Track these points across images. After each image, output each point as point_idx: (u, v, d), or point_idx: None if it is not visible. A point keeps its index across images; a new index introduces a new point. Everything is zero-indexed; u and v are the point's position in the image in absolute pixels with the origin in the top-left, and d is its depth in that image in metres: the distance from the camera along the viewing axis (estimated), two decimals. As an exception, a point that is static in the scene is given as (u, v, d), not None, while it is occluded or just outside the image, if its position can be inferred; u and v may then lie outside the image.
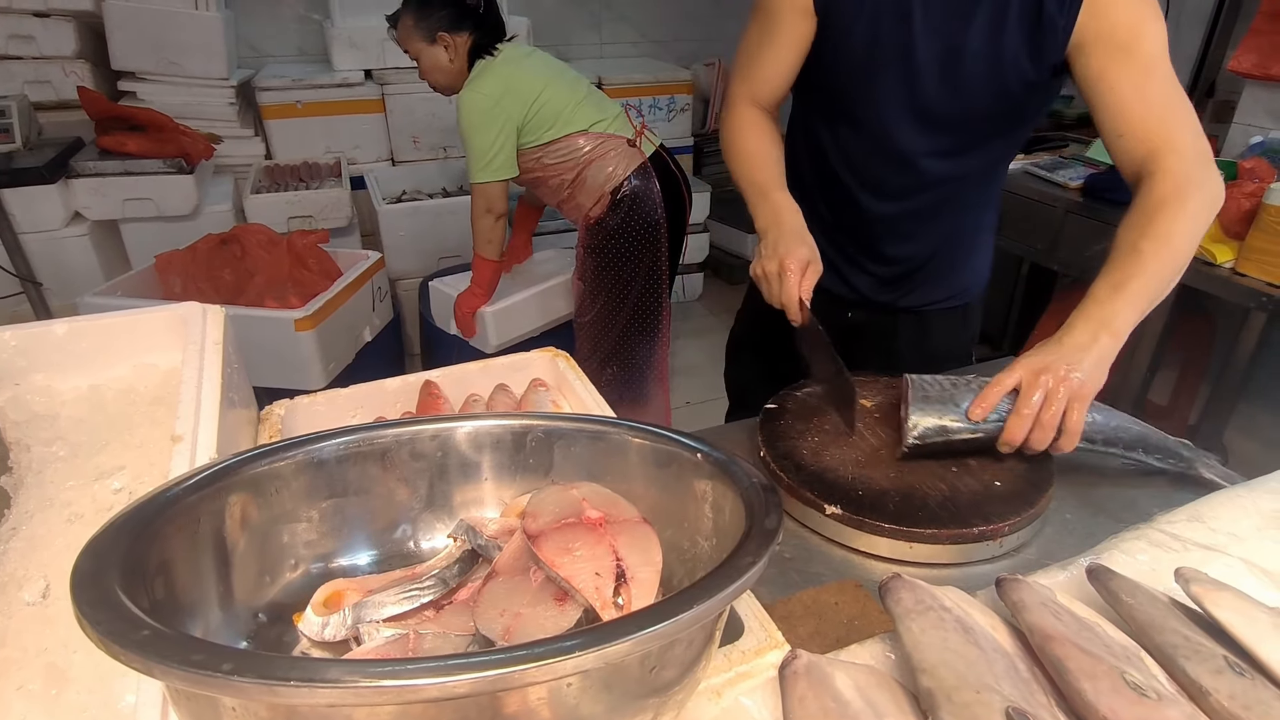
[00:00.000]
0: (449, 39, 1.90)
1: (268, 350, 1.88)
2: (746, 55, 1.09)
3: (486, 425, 0.61)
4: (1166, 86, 0.88)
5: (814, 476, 0.88)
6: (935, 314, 1.22)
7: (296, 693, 0.28)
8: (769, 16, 1.04)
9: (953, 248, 1.16)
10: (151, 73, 2.84)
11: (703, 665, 0.45)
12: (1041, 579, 0.62)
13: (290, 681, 0.28)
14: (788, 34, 1.03)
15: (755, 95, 1.10)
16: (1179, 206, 0.84)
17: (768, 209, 1.00)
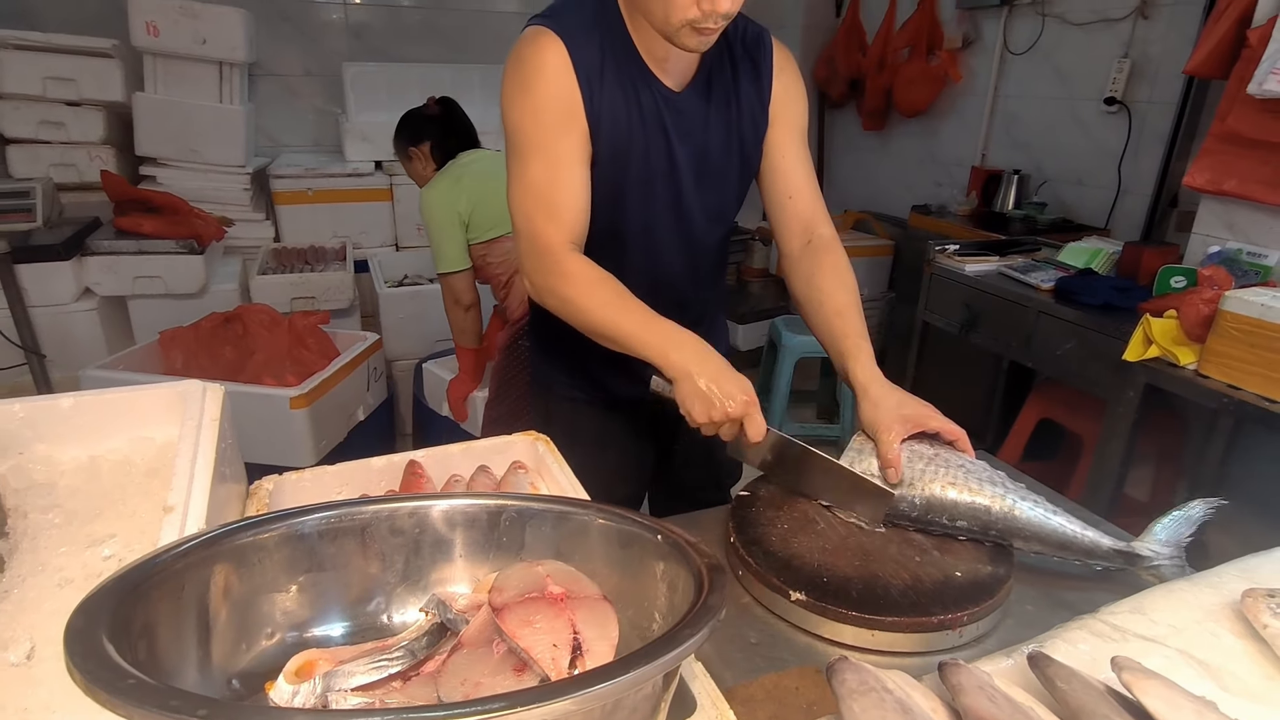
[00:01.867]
0: (416, 150, 2.20)
1: (261, 426, 1.92)
2: (539, 197, 1.00)
3: (461, 504, 0.65)
4: (812, 166, 1.17)
5: (781, 563, 0.91)
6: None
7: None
8: (549, 141, 0.99)
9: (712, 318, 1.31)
10: (173, 159, 3.00)
11: (650, 737, 0.47)
12: (986, 665, 0.64)
13: None
14: (570, 153, 1.00)
15: (570, 234, 1.01)
16: (846, 265, 1.14)
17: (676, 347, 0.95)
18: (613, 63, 1.02)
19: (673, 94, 1.06)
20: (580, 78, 0.99)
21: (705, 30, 0.93)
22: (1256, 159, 1.91)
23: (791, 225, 1.16)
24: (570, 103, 0.99)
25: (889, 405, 0.98)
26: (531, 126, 0.99)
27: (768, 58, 1.12)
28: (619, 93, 1.02)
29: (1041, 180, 3.16)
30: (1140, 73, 2.76)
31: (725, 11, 0.91)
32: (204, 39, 2.90)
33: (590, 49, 1.00)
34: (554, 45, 0.98)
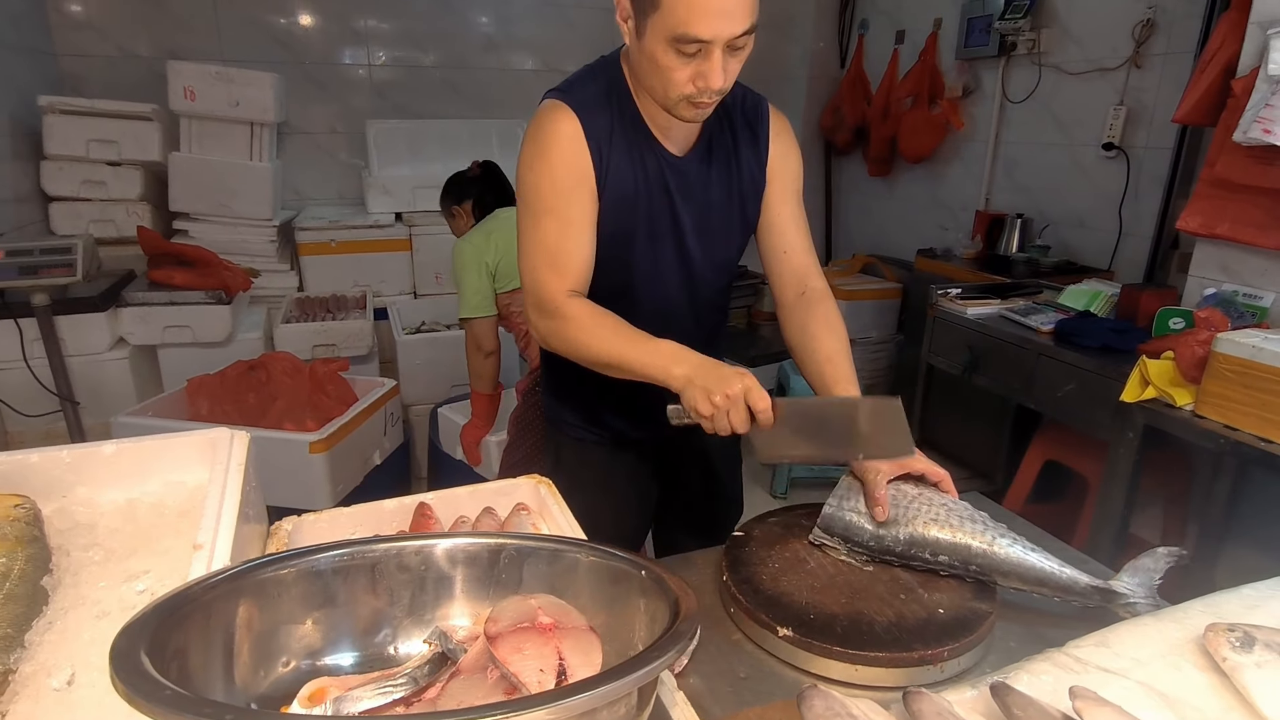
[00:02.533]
0: (459, 209, 2.32)
1: (282, 470, 2.00)
2: (547, 253, 1.09)
3: (462, 544, 0.70)
4: (807, 224, 1.26)
5: (770, 600, 0.95)
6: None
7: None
8: (560, 204, 1.08)
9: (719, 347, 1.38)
10: (204, 213, 3.15)
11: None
12: (951, 695, 0.68)
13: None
14: (579, 215, 1.09)
15: (572, 285, 1.10)
16: (837, 314, 1.21)
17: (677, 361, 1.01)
18: (621, 131, 1.12)
19: (675, 158, 1.15)
20: (591, 146, 1.09)
21: (700, 104, 1.03)
22: (1247, 203, 1.96)
23: (786, 277, 1.24)
24: (582, 169, 1.09)
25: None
26: (547, 190, 1.09)
27: (765, 124, 1.21)
28: (626, 158, 1.12)
29: (1044, 224, 3.22)
30: (1136, 119, 2.83)
31: (718, 88, 1.00)
32: (237, 101, 3.07)
33: (601, 120, 1.10)
34: (568, 117, 1.08)
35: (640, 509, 1.45)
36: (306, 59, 3.64)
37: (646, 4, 0.96)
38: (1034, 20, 3.09)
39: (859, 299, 3.68)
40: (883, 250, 4.13)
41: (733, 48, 0.98)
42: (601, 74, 1.14)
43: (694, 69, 0.99)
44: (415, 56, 3.84)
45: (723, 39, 0.95)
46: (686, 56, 0.97)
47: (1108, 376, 1.95)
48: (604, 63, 1.16)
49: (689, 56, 0.97)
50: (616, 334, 1.06)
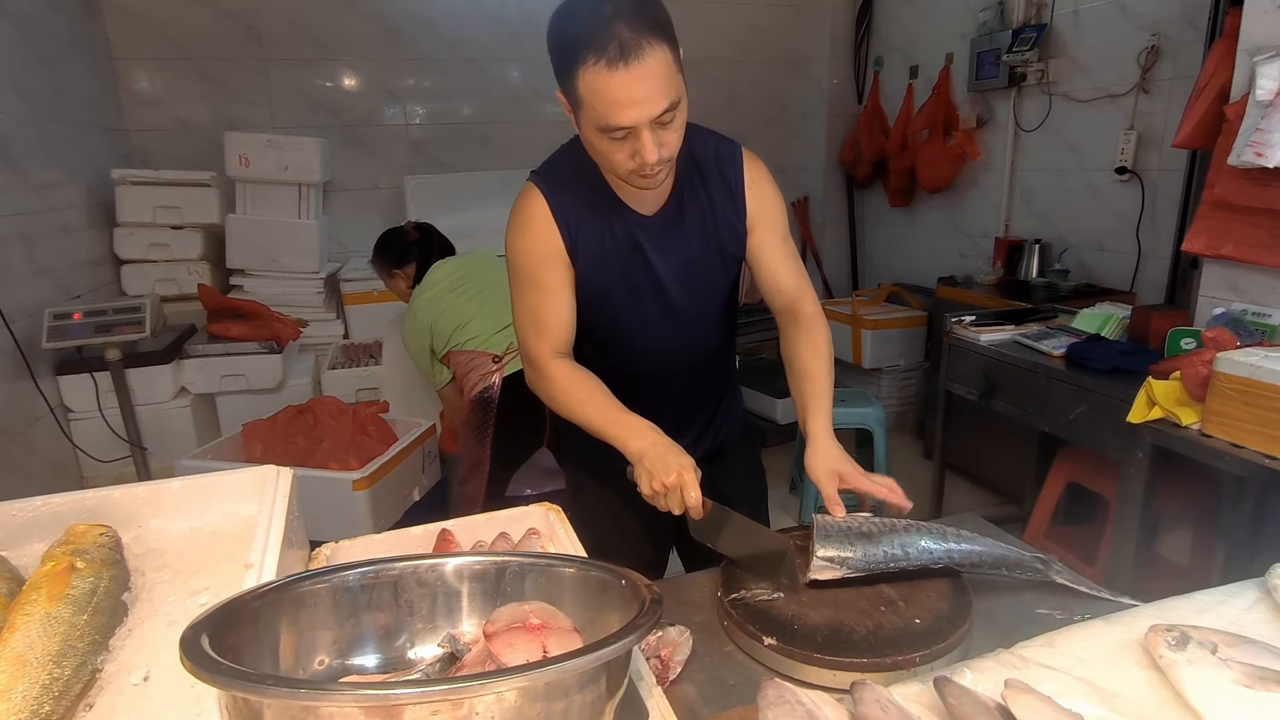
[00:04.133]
0: (400, 272, 2.50)
1: (327, 507, 2.14)
2: (531, 317, 1.23)
3: (468, 561, 0.81)
4: (794, 252, 1.34)
5: (758, 614, 1.04)
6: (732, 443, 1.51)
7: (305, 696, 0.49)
8: (535, 277, 1.21)
9: (728, 392, 1.49)
10: (257, 269, 3.39)
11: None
12: (900, 688, 0.76)
13: (301, 690, 0.49)
14: (557, 285, 1.22)
15: (555, 345, 1.23)
16: (823, 337, 1.29)
17: (633, 435, 1.13)
18: (589, 203, 1.22)
19: (645, 218, 1.25)
20: (559, 222, 1.20)
21: (647, 175, 1.09)
22: (1250, 223, 2.00)
23: (779, 307, 1.34)
24: (553, 245, 1.20)
25: (829, 456, 1.17)
26: (524, 263, 1.22)
27: (739, 171, 1.27)
28: (594, 227, 1.22)
29: (1063, 248, 3.25)
30: (1147, 143, 2.87)
31: (653, 162, 1.05)
32: (286, 166, 3.32)
33: (567, 196, 1.21)
34: (536, 199, 1.20)
35: (657, 536, 1.52)
36: (349, 120, 3.90)
37: (574, 102, 1.06)
38: (1041, 51, 3.17)
39: (885, 328, 3.74)
40: (907, 279, 4.18)
41: (660, 124, 1.03)
42: (573, 151, 1.24)
43: (628, 149, 1.05)
44: (448, 113, 4.08)
45: (644, 122, 1.01)
46: (618, 141, 1.05)
47: (1116, 398, 1.99)
48: (575, 141, 1.23)
49: (620, 140, 1.05)
50: (590, 399, 1.20)
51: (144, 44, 3.52)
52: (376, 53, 3.88)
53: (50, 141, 2.77)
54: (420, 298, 2.35)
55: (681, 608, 1.15)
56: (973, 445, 3.20)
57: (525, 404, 2.34)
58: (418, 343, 2.35)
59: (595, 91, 1.00)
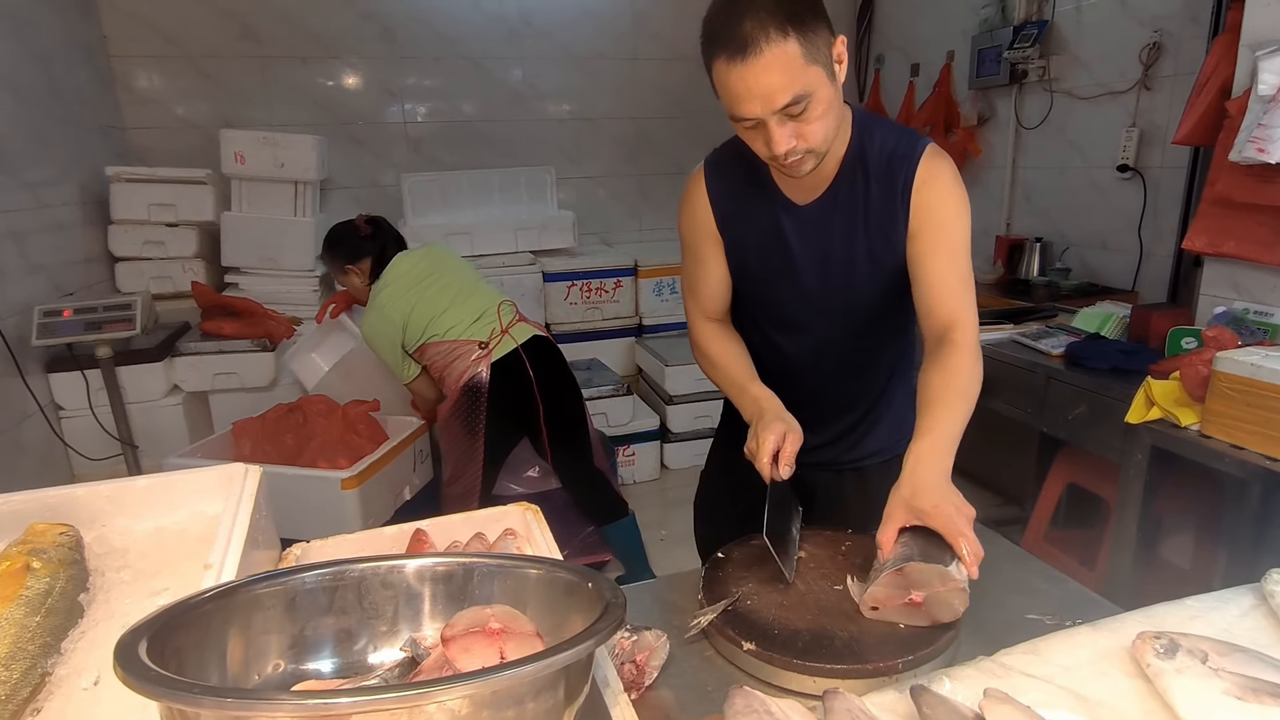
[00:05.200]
0: (354, 268, 2.43)
1: (315, 506, 2.12)
2: (688, 283, 1.35)
3: (430, 563, 0.79)
4: (964, 272, 1.17)
5: (738, 618, 1.01)
6: (874, 468, 1.38)
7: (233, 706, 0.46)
8: (694, 247, 1.30)
9: (878, 409, 1.37)
10: (252, 267, 3.37)
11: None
12: (875, 696, 0.73)
13: (228, 699, 0.46)
14: (710, 257, 1.29)
15: (705, 311, 1.33)
16: (965, 366, 1.11)
17: (748, 401, 1.21)
18: (744, 185, 1.24)
19: (795, 205, 1.22)
20: (712, 201, 1.26)
21: (787, 164, 1.07)
22: (1251, 221, 1.96)
23: (932, 328, 1.17)
24: (704, 220, 1.27)
25: (904, 490, 1.01)
26: (684, 233, 1.32)
27: (910, 171, 1.16)
28: (744, 208, 1.25)
29: (1065, 246, 3.21)
30: (1149, 140, 2.83)
31: (782, 152, 1.03)
32: (282, 163, 3.31)
33: (726, 176, 1.26)
34: (698, 177, 1.28)
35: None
36: (346, 118, 3.89)
37: (714, 88, 1.06)
38: (1042, 48, 3.13)
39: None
40: (908, 278, 4.14)
41: (789, 115, 1.01)
42: None
43: (761, 138, 1.05)
44: (447, 111, 4.06)
45: (766, 115, 1.00)
46: (751, 130, 1.05)
47: (1115, 398, 1.95)
48: None
49: (752, 129, 1.05)
50: (723, 363, 1.29)
51: (141, 42, 3.51)
52: (374, 50, 3.86)
53: (45, 139, 2.76)
54: (385, 291, 2.30)
55: (663, 611, 1.13)
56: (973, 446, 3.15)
57: (515, 389, 2.37)
58: (386, 338, 2.30)
59: (721, 84, 1.03)
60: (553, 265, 3.76)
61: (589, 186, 4.34)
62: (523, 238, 3.81)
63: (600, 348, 3.86)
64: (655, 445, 3.55)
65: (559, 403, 2.40)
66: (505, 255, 3.75)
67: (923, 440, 1.04)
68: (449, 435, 2.31)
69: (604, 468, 2.57)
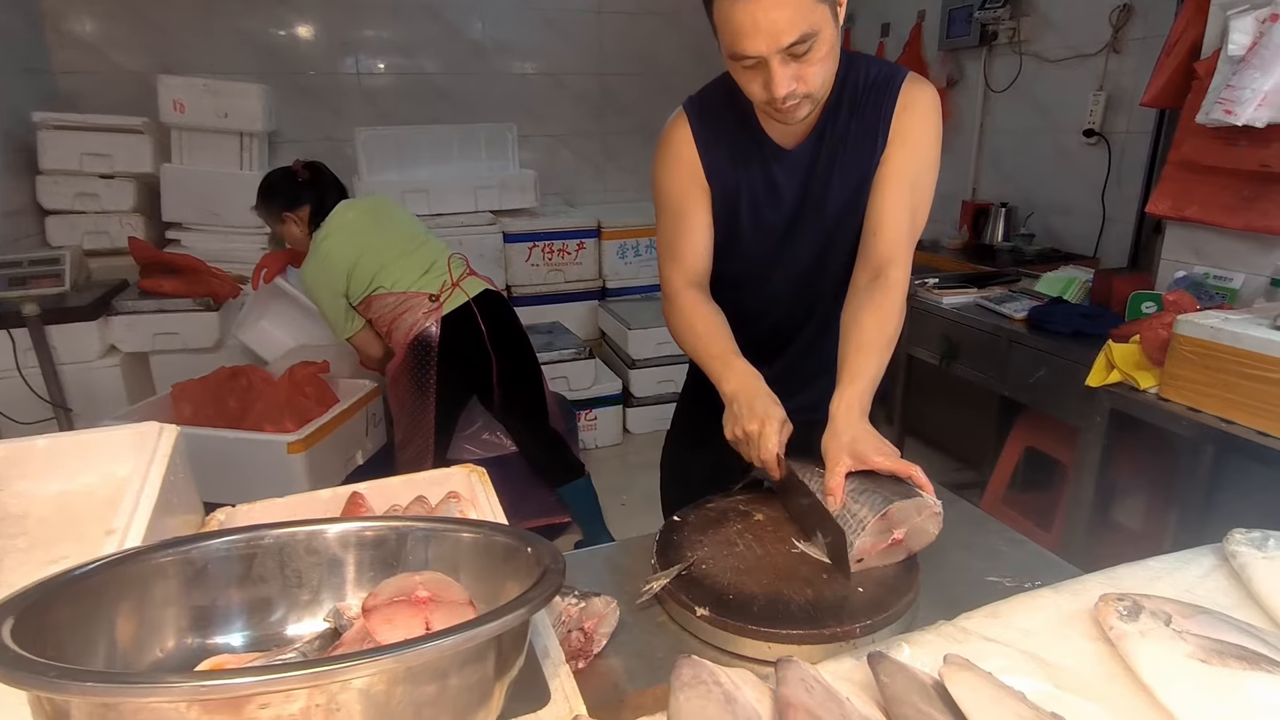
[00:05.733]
0: (292, 215, 2.27)
1: (261, 471, 2.04)
2: (667, 243, 1.21)
3: (356, 528, 0.73)
4: (918, 207, 1.14)
5: (692, 582, 0.97)
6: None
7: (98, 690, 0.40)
8: (675, 202, 1.19)
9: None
10: (196, 223, 3.21)
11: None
12: (831, 664, 0.69)
13: (93, 683, 0.40)
14: (696, 211, 1.19)
15: (688, 275, 1.20)
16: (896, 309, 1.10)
17: (732, 376, 1.10)
18: (731, 130, 1.16)
19: (784, 151, 1.16)
20: (700, 147, 1.16)
21: (783, 109, 1.01)
22: (1214, 185, 1.95)
23: (867, 259, 1.13)
24: (691, 169, 1.17)
25: (844, 439, 1.00)
26: (664, 187, 1.20)
27: (891, 101, 1.11)
28: (733, 156, 1.17)
29: (1030, 212, 3.21)
30: (1116, 105, 2.81)
31: (782, 95, 0.98)
32: (225, 113, 3.13)
33: (714, 121, 1.17)
34: (681, 122, 1.18)
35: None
36: (297, 69, 3.70)
37: (713, 25, 0.99)
38: (1013, 9, 3.08)
39: (849, 293, 3.68)
40: (874, 244, 4.11)
41: (792, 55, 0.96)
42: (728, 77, 1.13)
43: (760, 79, 0.99)
44: (404, 64, 3.89)
45: (771, 53, 0.95)
46: (749, 70, 0.99)
47: (1077, 362, 1.95)
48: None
49: (751, 69, 0.99)
50: (705, 333, 1.16)
51: (73, -21, 3.28)
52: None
53: (-39, 81, 2.56)
54: (328, 240, 2.18)
55: (616, 576, 1.08)
56: (934, 411, 3.18)
57: (467, 344, 2.28)
58: (328, 288, 2.18)
59: (724, 17, 0.95)
60: (514, 226, 3.65)
61: (552, 145, 4.22)
62: (483, 197, 3.68)
63: (562, 311, 3.78)
64: (618, 410, 3.50)
65: (512, 359, 2.32)
66: (464, 215, 3.63)
67: (856, 385, 1.04)
68: (398, 394, 2.23)
69: (560, 429, 2.52)
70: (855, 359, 1.07)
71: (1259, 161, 1.84)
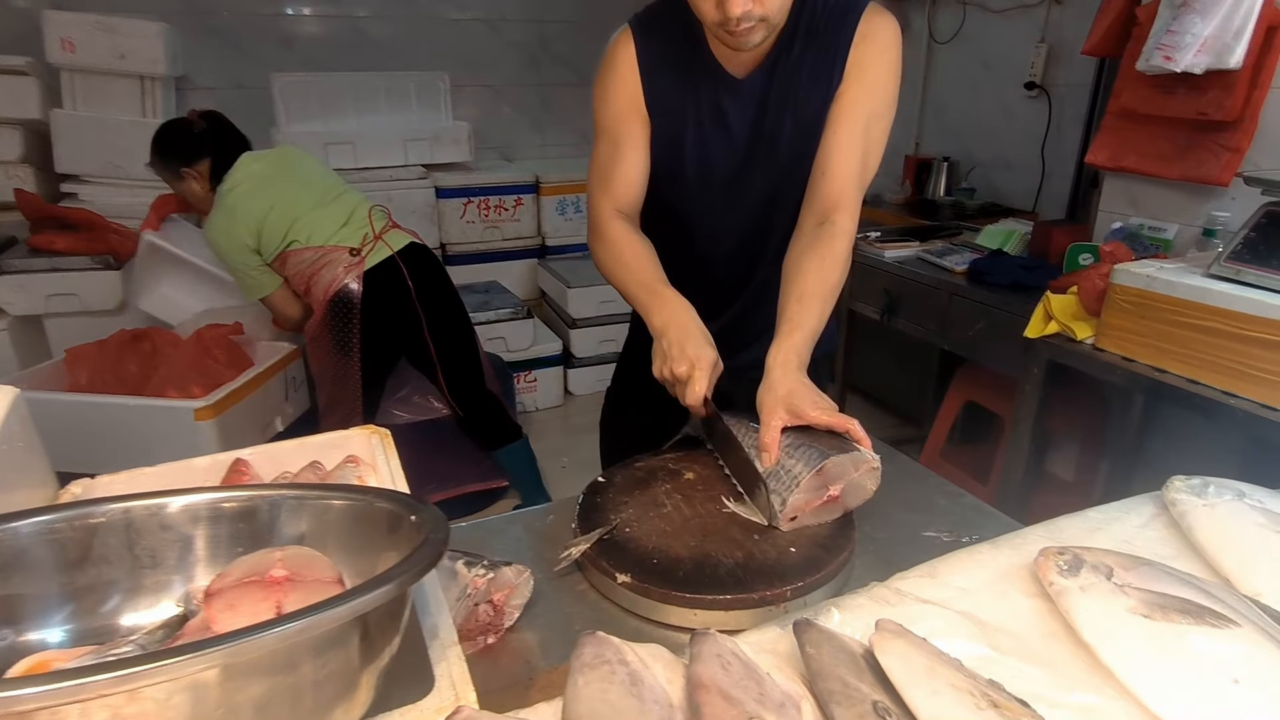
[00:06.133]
0: (191, 171, 2.08)
1: (167, 440, 1.89)
2: (600, 171, 1.13)
3: (211, 499, 0.63)
4: (871, 148, 1.07)
5: (615, 547, 0.90)
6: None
7: None
8: (612, 126, 1.11)
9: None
10: (96, 175, 2.95)
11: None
12: (754, 635, 0.63)
13: None
14: (633, 138, 1.11)
15: (618, 205, 1.12)
16: (841, 258, 1.03)
17: (661, 308, 1.03)
18: (678, 54, 1.07)
19: (735, 80, 1.07)
20: (642, 71, 1.08)
21: (736, 33, 0.94)
22: (1151, 134, 1.94)
23: (814, 203, 1.06)
24: (630, 93, 1.09)
25: (779, 392, 0.95)
26: (602, 112, 1.12)
27: (850, 28, 1.04)
28: (679, 83, 1.08)
29: (971, 166, 3.19)
30: (1056, 57, 2.79)
31: (737, 15, 0.91)
32: (123, 54, 2.87)
33: (659, 42, 1.08)
34: (625, 41, 1.09)
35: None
36: (205, 8, 3.41)
37: None
38: (958, -45, 3.02)
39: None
40: (818, 200, 4.07)
41: None
42: None
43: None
44: (327, 6, 3.63)
45: None
46: None
47: (1016, 314, 1.93)
48: None
49: None
50: (634, 262, 1.08)
51: (-63, -102, 2.93)
52: (236, -74, 3.37)
53: None
54: (235, 192, 2.01)
55: (536, 542, 1.01)
56: (875, 366, 3.18)
57: (392, 301, 2.14)
58: (238, 244, 2.01)
59: None
60: (447, 180, 3.48)
61: (487, 96, 4.01)
62: (413, 150, 3.49)
63: (500, 269, 3.64)
64: (558, 371, 3.40)
65: (441, 317, 2.20)
66: (393, 169, 3.44)
67: (794, 336, 0.98)
68: (319, 356, 2.09)
69: (496, 391, 2.42)
70: (795, 308, 1.00)
71: (1196, 109, 1.83)
